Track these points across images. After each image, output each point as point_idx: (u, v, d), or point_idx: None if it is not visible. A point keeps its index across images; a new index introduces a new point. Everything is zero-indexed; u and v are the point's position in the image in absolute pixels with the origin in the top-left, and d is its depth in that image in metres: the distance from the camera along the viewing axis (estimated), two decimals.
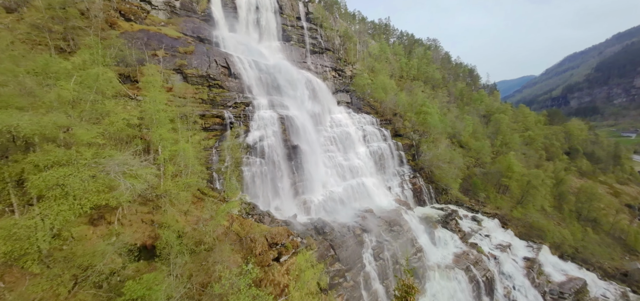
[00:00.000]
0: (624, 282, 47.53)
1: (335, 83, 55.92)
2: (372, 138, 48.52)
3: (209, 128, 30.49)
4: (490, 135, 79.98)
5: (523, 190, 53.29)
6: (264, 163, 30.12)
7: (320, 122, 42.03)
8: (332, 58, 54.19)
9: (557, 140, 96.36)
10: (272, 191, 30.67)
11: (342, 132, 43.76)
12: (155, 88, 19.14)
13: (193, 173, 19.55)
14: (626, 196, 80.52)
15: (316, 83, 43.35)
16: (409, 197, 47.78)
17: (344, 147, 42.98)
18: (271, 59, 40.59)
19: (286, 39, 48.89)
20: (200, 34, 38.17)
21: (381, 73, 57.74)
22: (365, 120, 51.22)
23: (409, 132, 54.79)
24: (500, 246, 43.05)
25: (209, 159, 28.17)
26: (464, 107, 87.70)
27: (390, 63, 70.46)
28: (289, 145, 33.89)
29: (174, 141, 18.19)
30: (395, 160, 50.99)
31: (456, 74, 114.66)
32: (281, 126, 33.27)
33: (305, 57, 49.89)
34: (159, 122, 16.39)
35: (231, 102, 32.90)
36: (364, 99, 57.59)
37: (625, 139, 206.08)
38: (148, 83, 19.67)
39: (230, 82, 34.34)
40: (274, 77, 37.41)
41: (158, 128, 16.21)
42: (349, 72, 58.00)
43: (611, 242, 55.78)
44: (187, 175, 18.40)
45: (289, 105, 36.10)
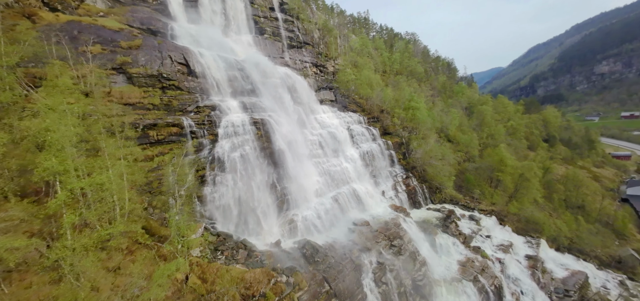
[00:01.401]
0: (619, 269, 46.87)
1: (317, 80, 50.91)
2: (360, 138, 44.04)
3: (163, 140, 24.31)
4: (474, 127, 78.81)
5: (516, 183, 51.32)
6: (236, 178, 24.42)
7: (304, 124, 36.83)
8: (312, 53, 49.11)
9: (536, 129, 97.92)
10: (249, 212, 25.05)
11: (329, 133, 38.84)
12: (62, 93, 13.04)
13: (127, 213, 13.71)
14: (604, 179, 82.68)
15: (297, 81, 38.09)
16: (404, 200, 43.88)
17: (331, 150, 38.10)
18: (242, 54, 34.72)
19: (259, 31, 43.13)
20: (152, 25, 31.57)
21: (365, 68, 53.57)
22: (351, 119, 46.69)
23: (398, 130, 51.03)
24: (502, 246, 40.30)
25: (160, 182, 21.99)
26: (447, 100, 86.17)
27: (372, 58, 66.57)
28: (267, 154, 28.41)
29: (89, 170, 12.25)
30: (386, 160, 46.92)
31: (436, 67, 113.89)
32: (257, 132, 27.68)
33: (283, 52, 44.41)
34: (51, 145, 10.37)
35: (192, 106, 26.84)
36: (348, 96, 53.08)
37: (589, 123, 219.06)
38: (51, 87, 13.47)
39: (191, 81, 28.19)
40: (246, 75, 31.67)
41: (47, 155, 10.20)
42: (331, 68, 53.22)
43: (601, 228, 55.46)
44: (110, 221, 12.57)
45: (265, 107, 30.57)
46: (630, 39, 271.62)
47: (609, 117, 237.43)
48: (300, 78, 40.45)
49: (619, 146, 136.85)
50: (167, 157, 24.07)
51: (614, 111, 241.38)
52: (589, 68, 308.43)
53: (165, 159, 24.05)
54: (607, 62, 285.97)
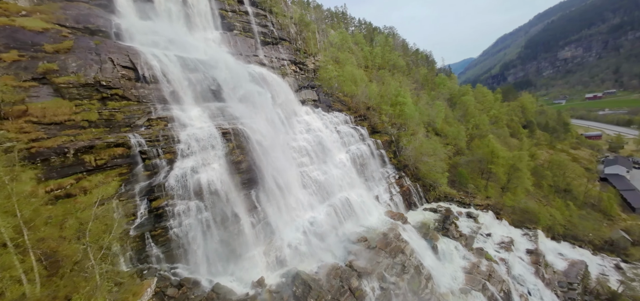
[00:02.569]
0: (612, 252, 46.60)
1: (297, 78, 46.46)
2: (349, 140, 40.17)
3: (104, 166, 18.96)
4: (459, 118, 77.77)
5: (508, 174, 49.79)
6: (203, 207, 19.56)
7: (285, 129, 32.28)
8: (290, 49, 44.55)
9: (515, 115, 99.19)
10: (222, 247, 20.28)
11: (314, 138, 34.59)
12: None
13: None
14: (583, 160, 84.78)
15: (274, 81, 33.44)
16: (399, 202, 40.62)
17: (318, 156, 33.89)
18: (207, 53, 29.54)
19: (227, 27, 37.96)
20: (90, 23, 25.76)
21: (347, 63, 49.81)
22: (338, 120, 42.71)
23: (386, 127, 47.75)
24: (504, 244, 38.20)
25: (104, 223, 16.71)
26: (430, 93, 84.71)
27: (354, 53, 63.00)
28: (242, 169, 23.70)
29: None
30: (377, 161, 43.46)
31: (416, 60, 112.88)
32: (227, 144, 22.86)
33: (256, 49, 39.52)
34: None
35: (142, 119, 21.57)
36: (332, 95, 49.05)
37: (557, 106, 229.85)
38: None
39: (141, 89, 22.86)
40: (211, 77, 26.65)
41: None
42: (311, 65, 48.93)
43: (592, 212, 55.50)
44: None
45: (237, 113, 25.77)
46: (589, 25, 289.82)
47: (575, 99, 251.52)
48: (278, 77, 35.85)
49: (588, 126, 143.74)
50: (111, 188, 18.82)
51: (578, 93, 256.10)
52: (553, 54, 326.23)
53: (108, 192, 18.75)
54: (569, 48, 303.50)
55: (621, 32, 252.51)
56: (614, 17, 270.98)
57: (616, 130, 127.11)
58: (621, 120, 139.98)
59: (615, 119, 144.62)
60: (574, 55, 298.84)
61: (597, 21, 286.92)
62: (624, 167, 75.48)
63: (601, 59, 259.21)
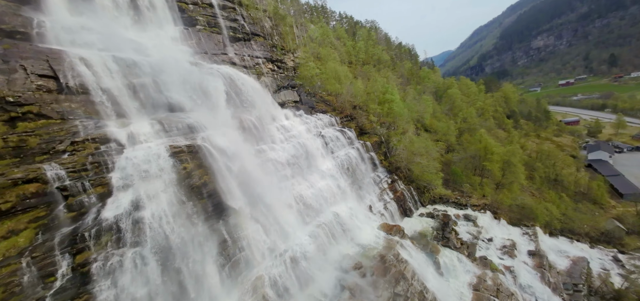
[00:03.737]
0: (609, 243, 45.74)
1: (275, 78, 41.76)
2: (335, 145, 36.12)
3: (12, 210, 13.91)
4: (446, 112, 75.96)
5: (503, 170, 47.75)
6: (147, 258, 14.80)
7: (260, 138, 27.68)
8: (265, 46, 39.72)
9: (499, 106, 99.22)
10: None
11: (296, 146, 30.19)
12: None
13: None
14: (567, 147, 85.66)
15: (245, 82, 28.67)
16: (394, 210, 37.13)
17: (301, 167, 29.59)
18: (158, 53, 24.32)
19: (189, 22, 32.64)
20: (4, 22, 19.90)
21: (330, 59, 45.66)
22: (322, 122, 38.53)
23: (375, 127, 44.14)
24: (506, 248, 35.77)
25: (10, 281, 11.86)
26: (416, 87, 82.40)
27: (336, 48, 58.90)
28: (206, 194, 19.03)
29: None
30: (368, 165, 39.76)
31: (399, 54, 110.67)
32: (182, 168, 18.05)
33: (224, 47, 34.44)
34: None
35: (65, 143, 16.43)
36: (315, 94, 44.78)
37: (533, 93, 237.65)
38: None
39: (64, 103, 17.62)
40: (161, 83, 21.57)
41: None
42: (290, 63, 44.36)
43: (582, 201, 54.82)
44: None
45: (197, 124, 20.93)
46: (559, 14, 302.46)
47: (549, 86, 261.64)
48: (251, 78, 31.09)
49: (566, 112, 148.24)
50: (22, 239, 13.81)
51: (552, 80, 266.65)
52: (527, 43, 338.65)
53: (18, 243, 13.79)
54: (541, 37, 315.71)
55: (589, 20, 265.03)
56: (582, 6, 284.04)
57: (592, 115, 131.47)
58: (595, 105, 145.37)
59: (590, 104, 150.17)
60: (546, 44, 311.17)
61: (567, 10, 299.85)
62: (606, 153, 76.61)
63: (572, 47, 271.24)
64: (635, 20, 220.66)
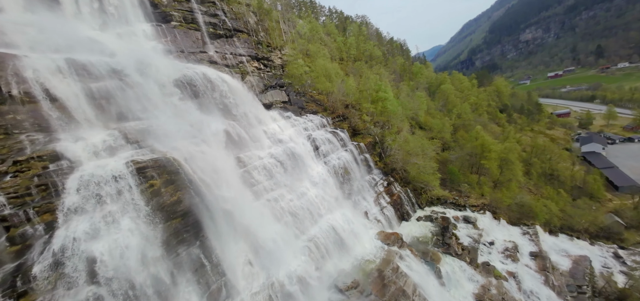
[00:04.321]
0: (608, 239, 45.31)
1: (262, 77, 39.35)
2: (327, 148, 34.04)
3: None
4: (440, 108, 74.92)
5: (500, 167, 46.73)
6: (105, 299, 12.42)
7: (243, 145, 25.37)
8: (249, 43, 37.21)
9: (492, 101, 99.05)
10: None
11: (285, 151, 27.96)
12: None
13: None
14: (560, 140, 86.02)
15: (227, 83, 26.22)
16: (391, 215, 35.40)
17: (290, 175, 27.39)
18: (124, 53, 21.64)
19: (163, 18, 29.90)
20: None
21: (319, 56, 43.46)
22: (312, 124, 36.39)
23: (369, 127, 42.24)
24: (508, 252, 34.62)
25: None
26: (409, 83, 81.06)
27: (326, 44, 56.72)
28: (179, 212, 16.74)
29: None
30: (362, 167, 37.91)
31: (391, 49, 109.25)
32: (148, 185, 15.71)
33: (204, 45, 31.81)
34: None
35: (7, 163, 13.85)
36: (305, 94, 42.56)
37: (522, 86, 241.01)
38: None
39: (7, 115, 15.02)
40: (128, 86, 19.01)
41: None
42: (277, 60, 41.98)
43: (580, 196, 54.49)
44: None
45: (166, 133, 18.52)
46: (546, 7, 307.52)
47: (538, 79, 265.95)
48: (232, 79, 28.62)
49: (556, 104, 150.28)
50: None
51: (541, 73, 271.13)
52: (516, 37, 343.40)
53: None
54: (529, 30, 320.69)
55: (576, 12, 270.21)
56: None
57: (582, 107, 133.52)
58: (584, 96, 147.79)
59: (579, 96, 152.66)
60: (534, 36, 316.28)
61: (554, 3, 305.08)
62: (599, 144, 77.09)
63: (559, 39, 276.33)
64: (620, 11, 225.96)
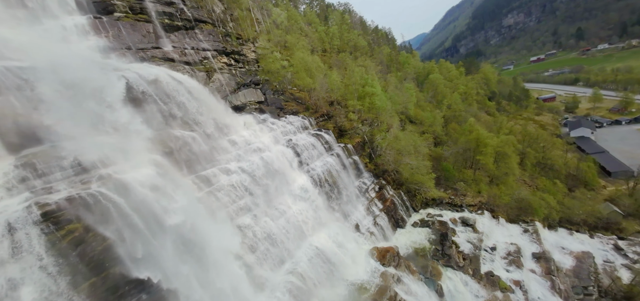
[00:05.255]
0: (607, 230, 44.50)
1: (233, 75, 34.97)
2: (311, 154, 30.36)
3: None
4: (429, 99, 72.70)
5: (496, 160, 44.77)
6: None
7: (206, 159, 21.28)
8: (215, 35, 32.60)
9: (480, 89, 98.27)
10: None
11: (259, 163, 23.98)
12: None
13: None
14: (549, 126, 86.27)
15: (181, 86, 21.84)
16: (384, 224, 32.36)
17: (267, 191, 23.51)
18: (45, 53, 16.88)
19: (104, 9, 24.94)
20: None
21: (297, 48, 39.37)
22: (293, 126, 32.53)
23: (356, 126, 38.83)
24: (511, 256, 32.71)
25: None
26: (397, 74, 78.30)
27: (307, 34, 52.53)
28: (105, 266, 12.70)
29: None
30: (351, 172, 34.61)
31: (377, 39, 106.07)
32: (61, 235, 11.57)
33: (158, 39, 27.06)
34: None
35: None
36: (284, 92, 38.50)
37: (506, 72, 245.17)
38: None
39: None
40: (37, 99, 14.50)
41: None
42: (251, 54, 37.62)
43: (573, 185, 53.80)
44: None
45: (92, 160, 14.25)
46: None
47: (521, 63, 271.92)
48: (191, 78, 24.22)
49: (541, 89, 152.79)
50: None
51: (523, 57, 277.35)
52: (498, 22, 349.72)
53: None
54: (512, 15, 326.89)
55: None
56: None
57: (567, 90, 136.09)
58: (568, 79, 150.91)
59: (563, 79, 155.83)
60: (516, 21, 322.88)
61: None
62: (588, 129, 77.54)
63: (541, 23, 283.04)
64: None
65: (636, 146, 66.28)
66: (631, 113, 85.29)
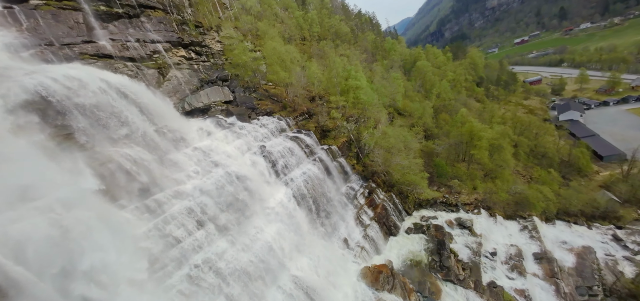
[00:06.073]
0: (604, 219, 43.85)
1: (195, 70, 30.66)
2: (289, 161, 26.83)
3: None
4: (418, 88, 70.28)
5: (491, 153, 42.90)
6: None
7: (155, 180, 17.32)
8: (168, 23, 27.91)
9: (469, 75, 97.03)
10: None
11: (222, 180, 20.22)
12: None
13: None
14: (538, 111, 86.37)
15: (113, 91, 17.57)
16: (376, 234, 29.52)
17: (234, 213, 19.91)
18: None
19: None
20: None
21: (268, 36, 35.19)
22: (267, 129, 28.78)
23: (340, 125, 35.43)
24: (513, 260, 31.12)
25: None
26: (383, 62, 75.23)
27: (283, 21, 48.18)
28: None
29: None
30: (337, 177, 31.45)
31: (360, 25, 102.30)
32: None
33: (90, 31, 22.31)
34: None
35: None
36: (257, 88, 34.46)
37: (491, 55, 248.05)
38: None
39: None
40: None
41: None
42: (216, 46, 33.17)
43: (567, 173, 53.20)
44: None
45: None
46: None
47: (505, 46, 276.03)
48: (132, 80, 19.90)
49: (526, 72, 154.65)
50: None
51: (508, 40, 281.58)
52: (482, 4, 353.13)
53: None
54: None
55: None
56: None
57: (552, 72, 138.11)
58: (553, 61, 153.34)
59: (547, 60, 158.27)
60: (500, 2, 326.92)
61: None
62: (577, 112, 77.88)
63: (524, 4, 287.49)
64: None
65: (626, 127, 66.86)
66: (618, 93, 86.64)
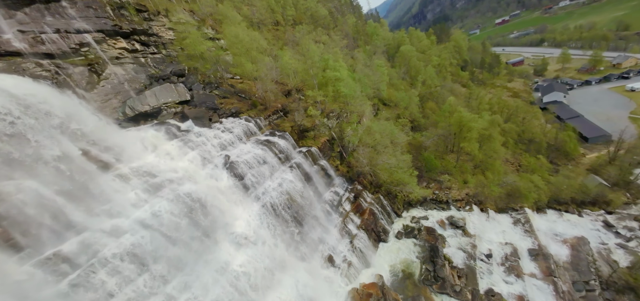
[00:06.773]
0: (595, 205, 43.92)
1: (143, 65, 26.27)
2: (260, 171, 23.45)
3: None
4: (402, 76, 67.97)
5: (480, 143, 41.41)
6: None
7: (71, 219, 13.51)
8: (99, 8, 23.18)
9: (453, 58, 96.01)
10: None
11: (170, 207, 16.61)
12: None
13: None
14: (522, 93, 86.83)
15: (11, 101, 13.38)
16: (364, 245, 27.04)
17: (190, 245, 16.50)
18: None
19: None
20: None
21: (227, 21, 30.95)
22: (232, 135, 25.14)
23: (319, 122, 32.15)
24: (509, 261, 30.01)
25: None
26: (365, 48, 72.08)
27: (251, 3, 43.70)
28: None
29: None
30: (319, 183, 28.61)
31: (340, 7, 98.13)
32: None
33: None
34: None
35: None
36: (220, 84, 30.38)
37: (474, 36, 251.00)
38: None
39: None
40: None
41: None
42: (167, 34, 28.68)
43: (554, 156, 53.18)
44: None
45: None
46: None
47: (487, 27, 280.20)
48: (43, 83, 15.66)
49: (508, 53, 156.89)
50: None
51: (489, 20, 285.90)
52: None
53: None
54: None
55: None
56: None
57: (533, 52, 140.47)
58: (534, 40, 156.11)
59: (528, 41, 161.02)
60: None
61: None
62: (560, 92, 78.71)
63: None
64: None
65: (610, 107, 67.96)
66: (600, 72, 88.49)
